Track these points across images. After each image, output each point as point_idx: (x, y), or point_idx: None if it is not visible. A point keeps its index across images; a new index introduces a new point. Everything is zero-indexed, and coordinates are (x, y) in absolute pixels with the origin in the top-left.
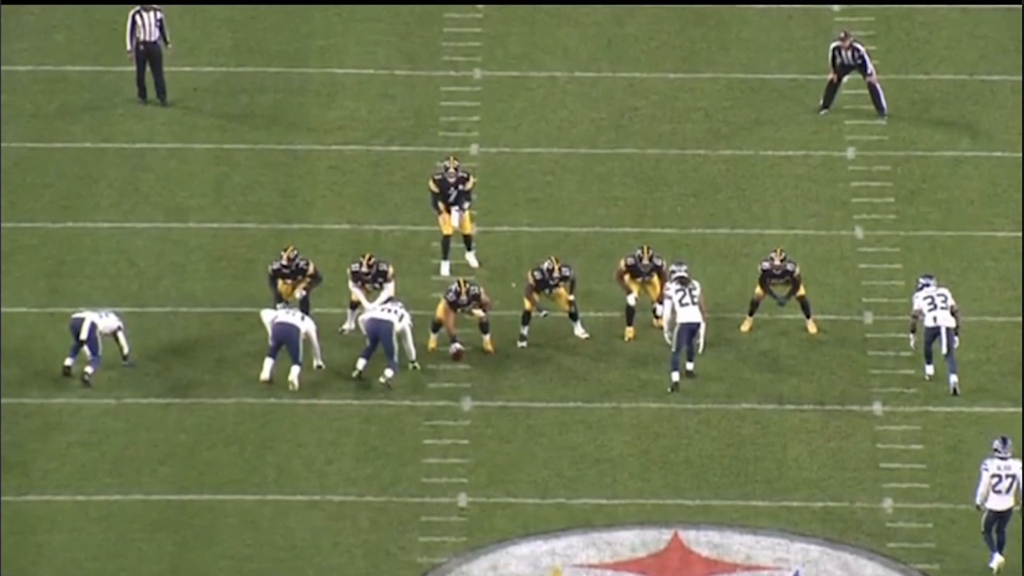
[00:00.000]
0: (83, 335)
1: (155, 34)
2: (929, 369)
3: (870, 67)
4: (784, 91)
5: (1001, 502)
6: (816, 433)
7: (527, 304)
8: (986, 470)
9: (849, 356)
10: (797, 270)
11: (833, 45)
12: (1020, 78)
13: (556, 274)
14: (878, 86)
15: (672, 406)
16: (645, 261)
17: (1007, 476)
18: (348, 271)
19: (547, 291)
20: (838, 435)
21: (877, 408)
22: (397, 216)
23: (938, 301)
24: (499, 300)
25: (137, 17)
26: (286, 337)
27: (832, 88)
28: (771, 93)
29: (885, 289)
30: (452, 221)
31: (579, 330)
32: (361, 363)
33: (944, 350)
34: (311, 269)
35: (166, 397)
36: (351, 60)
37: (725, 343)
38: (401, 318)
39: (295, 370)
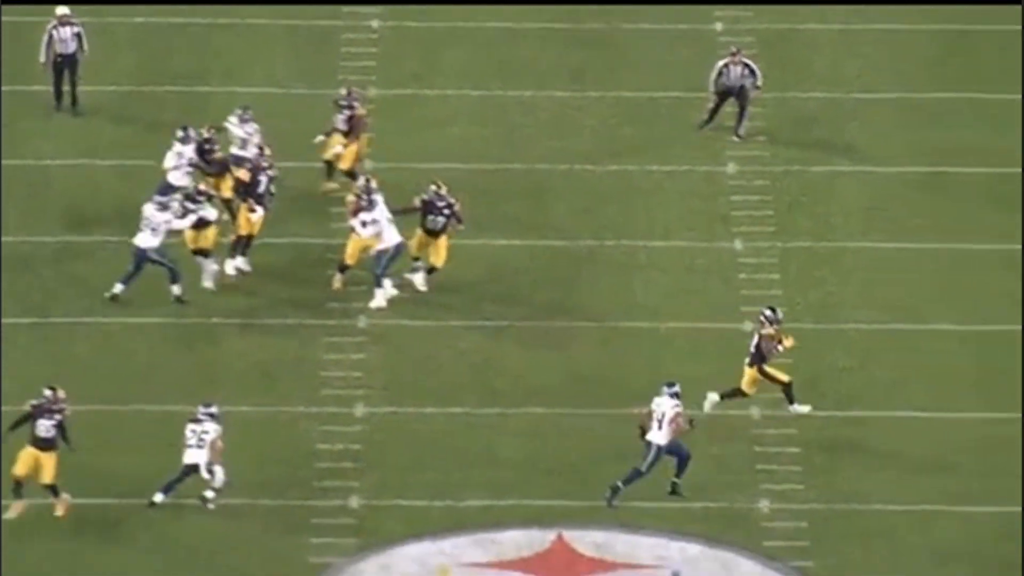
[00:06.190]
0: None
1: (72, 47)
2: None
3: (759, 79)
4: (669, 109)
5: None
6: (698, 437)
7: (414, 247)
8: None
9: (727, 362)
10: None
11: (722, 62)
12: (895, 95)
13: (444, 194)
14: (748, 108)
15: (557, 411)
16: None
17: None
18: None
19: (432, 217)
20: (718, 439)
21: (755, 412)
22: (284, 230)
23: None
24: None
25: (54, 32)
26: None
27: (715, 106)
28: (656, 111)
29: (763, 298)
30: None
31: (419, 278)
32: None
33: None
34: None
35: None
36: (252, 79)
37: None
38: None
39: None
